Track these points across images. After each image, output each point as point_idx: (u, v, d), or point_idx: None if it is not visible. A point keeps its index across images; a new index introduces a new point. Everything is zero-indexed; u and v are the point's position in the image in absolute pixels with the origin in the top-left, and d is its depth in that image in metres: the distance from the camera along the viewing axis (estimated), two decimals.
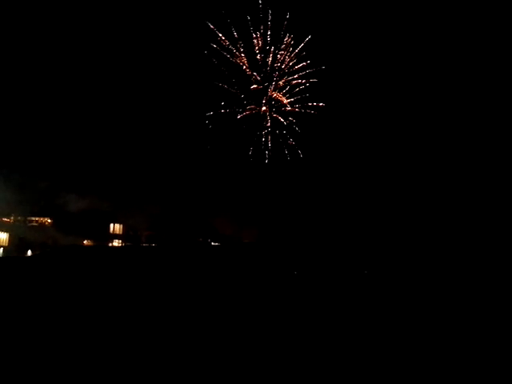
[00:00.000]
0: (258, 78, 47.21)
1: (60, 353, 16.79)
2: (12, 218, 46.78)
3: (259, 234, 47.00)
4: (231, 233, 47.59)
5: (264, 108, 47.80)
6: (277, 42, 46.39)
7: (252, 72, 47.04)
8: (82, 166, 46.11)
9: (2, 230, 45.39)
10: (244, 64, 46.77)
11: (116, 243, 48.47)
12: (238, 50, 46.40)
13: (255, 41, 46.22)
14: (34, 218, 47.71)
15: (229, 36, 46.10)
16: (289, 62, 46.73)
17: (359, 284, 32.35)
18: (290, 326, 19.90)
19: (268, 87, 47.32)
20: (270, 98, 47.70)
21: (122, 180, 46.40)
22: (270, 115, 47.88)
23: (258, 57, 46.64)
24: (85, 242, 46.57)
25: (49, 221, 47.64)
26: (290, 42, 46.23)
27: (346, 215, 45.37)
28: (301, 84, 47.08)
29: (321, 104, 46.74)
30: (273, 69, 47.00)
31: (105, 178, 46.28)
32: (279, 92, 47.57)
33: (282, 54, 46.52)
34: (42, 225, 47.38)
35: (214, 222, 47.77)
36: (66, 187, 45.13)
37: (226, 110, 47.41)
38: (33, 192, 44.57)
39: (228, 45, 46.20)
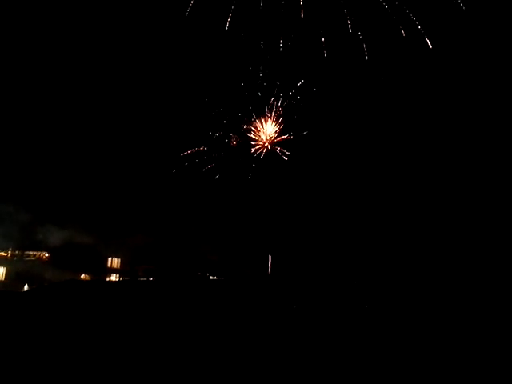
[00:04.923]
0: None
1: None
2: (9, 251, 46.52)
3: (251, 265, 46.91)
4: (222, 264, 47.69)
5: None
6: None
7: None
8: (79, 199, 46.28)
9: None
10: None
11: (114, 277, 48.02)
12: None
13: None
14: (31, 252, 47.46)
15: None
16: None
17: (359, 319, 32.13)
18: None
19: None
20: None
21: (119, 214, 46.56)
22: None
23: None
24: (82, 276, 46.15)
25: (46, 255, 47.36)
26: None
27: (340, 242, 45.31)
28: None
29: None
30: None
31: (102, 211, 46.48)
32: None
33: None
34: (40, 259, 47.07)
35: (210, 254, 47.75)
36: (63, 221, 45.22)
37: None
38: (30, 226, 44.56)
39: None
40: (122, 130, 46.08)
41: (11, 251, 47.03)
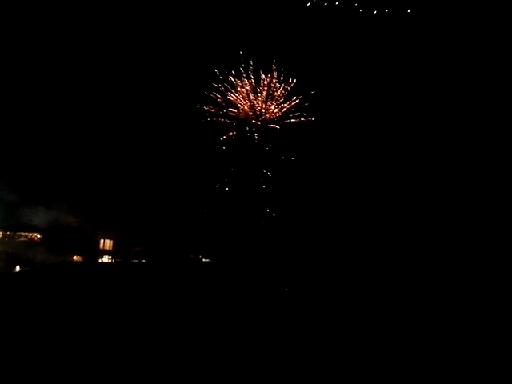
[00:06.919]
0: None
1: (49, 371, 16.63)
2: (1, 232, 46.23)
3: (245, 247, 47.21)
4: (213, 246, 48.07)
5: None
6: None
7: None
8: (72, 181, 45.93)
9: None
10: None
11: (106, 259, 47.99)
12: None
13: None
14: (23, 234, 47.13)
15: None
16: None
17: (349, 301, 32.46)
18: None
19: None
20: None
21: (112, 195, 46.38)
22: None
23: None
24: (74, 257, 46.08)
25: (38, 236, 47.09)
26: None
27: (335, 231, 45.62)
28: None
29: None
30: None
31: (95, 193, 46.25)
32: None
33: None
34: (32, 240, 46.81)
35: (202, 236, 47.89)
36: (55, 202, 44.89)
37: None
38: (22, 207, 44.23)
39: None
40: (110, 113, 46.02)
41: (3, 232, 46.69)
